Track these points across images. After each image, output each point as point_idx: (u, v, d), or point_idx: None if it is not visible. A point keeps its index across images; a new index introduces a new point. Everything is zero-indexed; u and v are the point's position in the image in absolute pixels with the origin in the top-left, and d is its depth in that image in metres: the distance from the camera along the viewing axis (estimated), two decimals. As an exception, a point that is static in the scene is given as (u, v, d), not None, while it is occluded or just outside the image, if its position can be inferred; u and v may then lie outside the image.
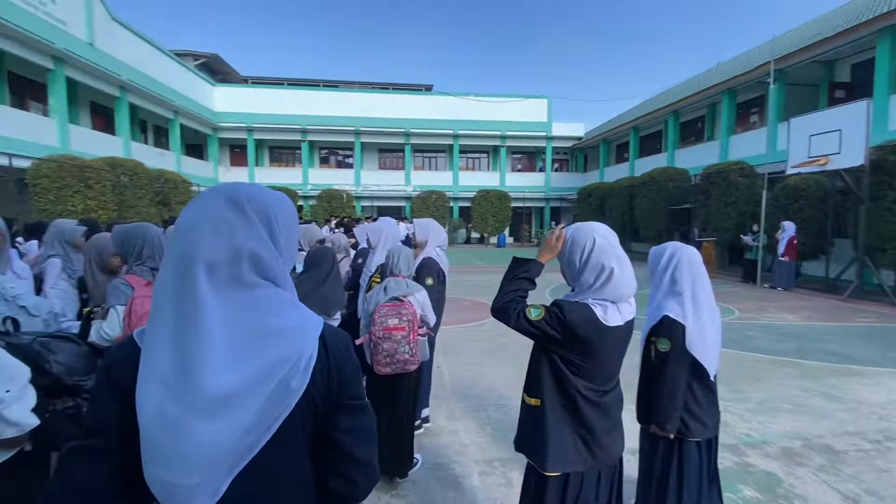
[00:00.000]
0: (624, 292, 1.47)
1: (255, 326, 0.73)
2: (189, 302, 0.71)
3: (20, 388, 1.65)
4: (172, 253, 0.75)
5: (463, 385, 4.20)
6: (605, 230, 1.52)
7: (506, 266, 1.72)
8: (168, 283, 0.73)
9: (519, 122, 26.26)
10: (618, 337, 1.48)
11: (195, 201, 0.79)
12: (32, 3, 12.39)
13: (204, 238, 0.73)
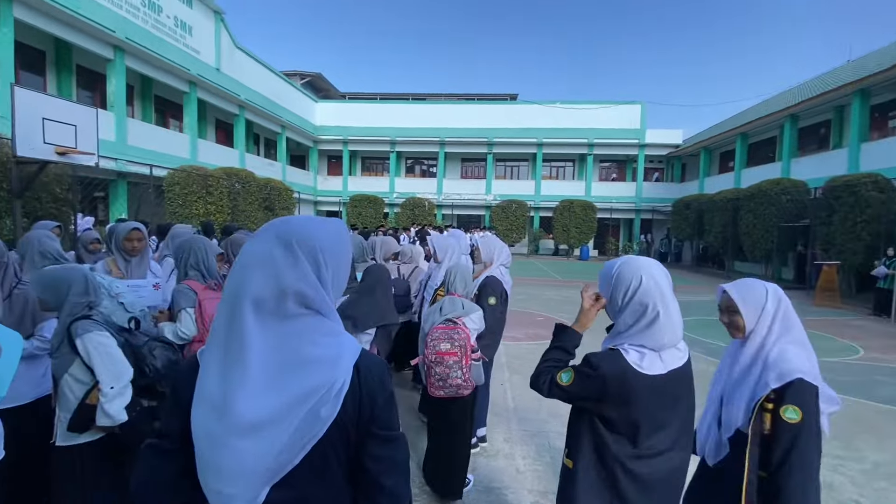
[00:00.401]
0: (664, 341, 1.34)
1: (292, 356, 0.80)
2: (236, 333, 0.79)
3: (122, 387, 1.97)
4: (228, 287, 0.84)
5: (525, 406, 4.12)
6: (656, 269, 1.39)
7: (585, 281, 1.72)
8: (222, 314, 0.83)
9: (608, 130, 25.07)
10: (659, 387, 1.31)
11: (252, 239, 0.88)
12: (175, 35, 14.65)
13: (253, 276, 0.81)
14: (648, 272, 1.36)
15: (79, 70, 13.42)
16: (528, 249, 24.89)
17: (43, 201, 8.47)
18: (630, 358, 1.32)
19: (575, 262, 22.65)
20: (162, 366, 2.04)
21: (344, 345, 0.86)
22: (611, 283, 1.41)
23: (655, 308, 1.32)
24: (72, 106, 7.30)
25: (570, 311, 8.86)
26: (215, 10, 16.57)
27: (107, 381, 1.92)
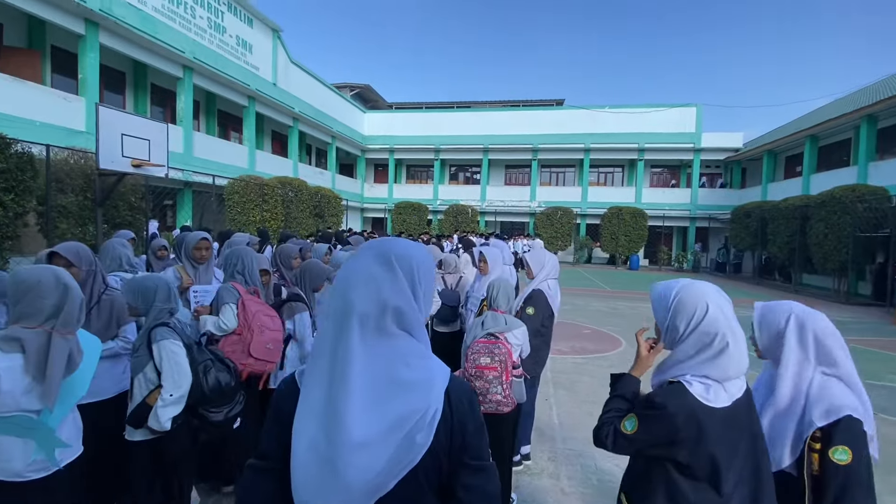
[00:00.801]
0: (730, 373, 1.23)
1: (390, 376, 0.82)
2: (342, 350, 0.82)
3: (178, 397, 2.10)
4: (333, 305, 0.87)
5: (572, 424, 4.00)
6: (719, 295, 1.28)
7: (635, 292, 1.63)
8: (328, 332, 0.85)
9: (660, 134, 24.04)
10: (728, 420, 1.20)
11: (352, 258, 0.92)
12: (236, 54, 15.64)
13: (358, 292, 0.85)
14: (714, 299, 1.26)
15: (153, 88, 14.62)
16: (574, 258, 24.26)
17: (120, 209, 9.26)
18: (695, 391, 1.21)
19: (624, 271, 21.81)
20: (210, 388, 2.15)
21: (434, 369, 0.87)
22: (668, 309, 1.30)
23: (724, 339, 1.22)
24: (146, 122, 7.96)
25: (619, 323, 8.53)
26: (273, 28, 17.54)
27: (168, 388, 2.07)
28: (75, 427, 1.87)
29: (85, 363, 1.82)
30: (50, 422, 1.73)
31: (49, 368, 1.66)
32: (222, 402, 2.19)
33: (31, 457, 1.71)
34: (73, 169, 8.43)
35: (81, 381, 1.82)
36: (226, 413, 2.20)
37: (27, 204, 7.55)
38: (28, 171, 7.46)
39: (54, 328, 1.70)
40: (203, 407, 2.14)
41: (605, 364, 5.92)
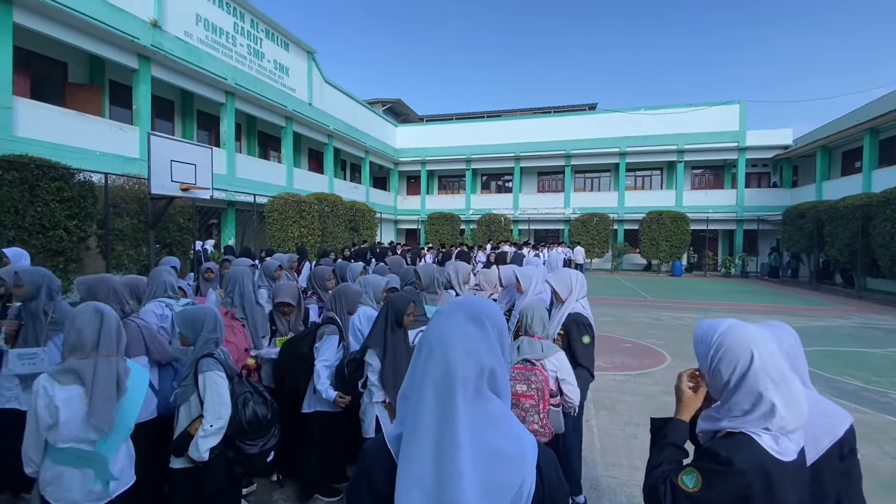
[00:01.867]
0: (787, 426, 1.10)
1: (490, 447, 0.81)
2: (449, 419, 0.79)
3: (218, 428, 2.16)
4: (430, 369, 0.83)
5: (614, 449, 3.82)
6: (767, 341, 1.14)
7: (679, 301, 1.52)
8: (429, 399, 0.81)
9: (701, 134, 23.07)
10: (799, 473, 1.10)
11: (441, 319, 0.89)
12: (274, 77, 16.35)
13: (458, 355, 0.83)
14: (761, 345, 1.13)
15: (198, 114, 15.50)
16: (612, 265, 23.56)
17: (170, 230, 9.81)
18: (764, 442, 1.09)
19: (666, 278, 20.94)
20: (248, 420, 2.20)
21: (524, 439, 0.86)
22: (709, 357, 1.20)
23: (770, 397, 1.10)
24: (193, 147, 8.41)
25: (663, 336, 8.16)
26: (308, 51, 18.24)
27: (208, 419, 2.13)
28: (128, 457, 1.96)
29: (133, 391, 1.92)
30: (105, 451, 1.82)
31: (96, 388, 1.77)
32: (258, 435, 2.23)
33: (88, 486, 1.80)
34: (128, 194, 9.02)
35: (132, 409, 1.91)
36: (261, 446, 2.24)
37: (88, 228, 8.14)
38: (89, 198, 8.05)
39: (98, 354, 1.82)
40: (239, 439, 2.19)
41: (648, 381, 5.66)
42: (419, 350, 0.88)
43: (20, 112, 9.04)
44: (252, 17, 15.26)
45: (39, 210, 7.21)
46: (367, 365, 2.73)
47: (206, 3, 13.40)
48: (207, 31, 13.39)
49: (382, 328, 2.77)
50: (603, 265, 24.16)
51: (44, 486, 1.79)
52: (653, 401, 4.97)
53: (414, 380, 0.86)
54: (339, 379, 2.85)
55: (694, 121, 23.25)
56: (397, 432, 0.86)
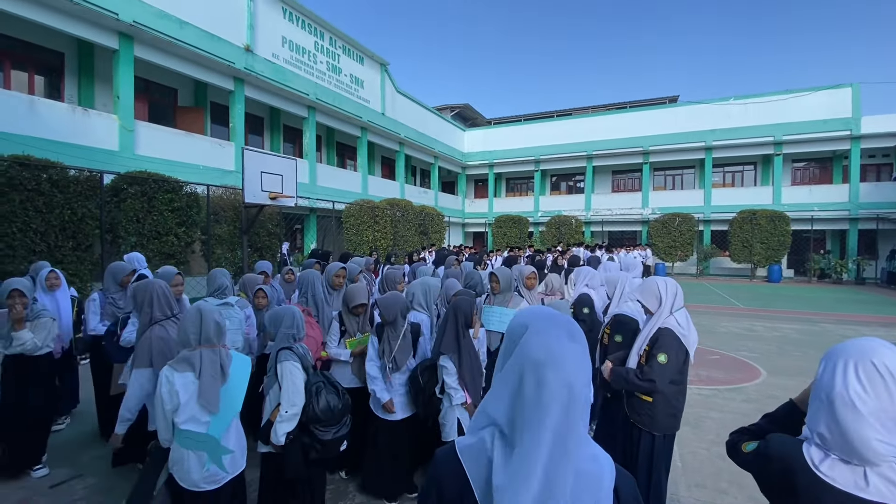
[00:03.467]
0: (856, 450, 1.01)
1: (576, 468, 0.79)
2: (562, 436, 0.78)
3: (292, 414, 2.35)
4: (549, 388, 0.79)
5: (697, 469, 3.54)
6: (881, 363, 1.03)
7: (777, 310, 1.53)
8: (550, 417, 0.78)
9: (804, 123, 20.49)
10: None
11: (544, 336, 0.84)
12: (350, 90, 17.30)
13: (576, 373, 0.81)
14: (867, 368, 1.05)
15: (284, 128, 16.86)
16: (697, 269, 21.73)
17: (261, 235, 10.77)
18: (807, 453, 1.10)
19: (761, 284, 18.89)
20: (321, 409, 2.36)
21: (601, 460, 0.83)
22: (819, 373, 1.18)
23: (853, 425, 1.03)
24: (280, 160, 9.16)
25: (757, 348, 7.40)
26: (381, 63, 19.08)
27: (284, 405, 2.34)
28: (239, 445, 2.21)
29: (235, 377, 2.16)
30: (215, 433, 2.07)
31: (203, 372, 2.06)
32: (331, 423, 2.38)
33: (205, 468, 2.06)
34: (225, 203, 10.06)
35: (236, 393, 2.16)
36: (333, 433, 2.39)
37: (194, 234, 9.18)
38: (194, 207, 9.08)
39: (200, 345, 2.13)
40: (313, 425, 2.36)
41: (738, 397, 5.16)
42: (519, 364, 0.82)
43: (140, 134, 10.45)
44: (331, 36, 16.30)
45: (155, 219, 8.28)
46: (443, 369, 2.77)
47: (291, 25, 14.56)
48: (292, 52, 14.53)
49: (454, 332, 2.81)
50: (687, 269, 22.39)
51: (171, 465, 2.09)
52: (745, 419, 4.50)
53: (524, 397, 0.80)
54: (415, 388, 2.91)
55: (795, 108, 20.75)
56: (470, 442, 0.85)
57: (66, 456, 3.63)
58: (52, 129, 8.82)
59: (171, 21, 10.60)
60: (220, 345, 2.18)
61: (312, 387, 2.40)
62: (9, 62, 9.76)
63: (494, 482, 0.78)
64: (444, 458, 0.87)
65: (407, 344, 2.98)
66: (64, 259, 6.97)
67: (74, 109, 9.37)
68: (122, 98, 10.06)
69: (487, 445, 0.82)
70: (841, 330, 8.90)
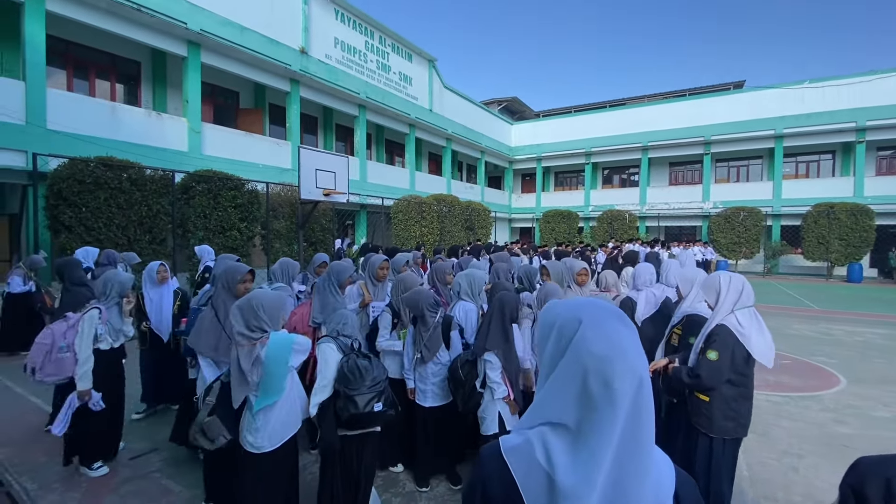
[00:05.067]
0: None
1: (635, 468, 0.75)
2: (634, 434, 0.74)
3: (322, 386, 2.48)
4: (618, 382, 0.74)
5: (767, 480, 3.29)
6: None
7: (857, 312, 1.37)
8: (622, 410, 0.74)
9: (891, 107, 18.39)
10: None
11: (602, 328, 0.79)
12: (399, 88, 17.55)
13: (641, 363, 0.77)
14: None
15: (336, 127, 17.41)
16: (765, 268, 20.16)
17: (315, 230, 11.21)
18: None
19: (838, 284, 17.23)
20: (348, 368, 2.48)
21: (661, 465, 0.80)
22: None
23: None
24: (333, 158, 9.47)
25: (834, 353, 6.78)
26: (429, 59, 19.19)
27: (319, 381, 2.45)
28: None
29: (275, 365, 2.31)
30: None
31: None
32: (357, 384, 2.42)
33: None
34: (283, 200, 10.55)
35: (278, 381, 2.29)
36: (367, 400, 2.42)
37: (254, 229, 9.71)
38: (255, 203, 9.59)
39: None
40: (342, 386, 2.44)
41: (814, 406, 4.75)
42: (580, 362, 0.77)
43: (206, 135, 11.18)
44: (381, 34, 16.60)
45: (220, 214, 8.83)
46: (487, 363, 2.78)
47: (342, 25, 14.97)
48: (344, 52, 14.95)
49: (500, 327, 2.80)
50: (752, 267, 20.84)
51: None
52: (820, 429, 4.16)
53: (591, 396, 0.75)
54: (455, 381, 2.94)
55: (880, 91, 18.64)
56: (516, 443, 0.82)
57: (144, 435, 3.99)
58: (131, 132, 9.64)
59: (234, 27, 11.22)
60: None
61: (345, 357, 2.52)
62: (94, 71, 10.75)
63: (561, 483, 0.74)
64: (489, 458, 0.84)
65: (437, 336, 3.08)
66: (142, 252, 7.61)
67: (150, 114, 10.18)
68: (191, 102, 10.79)
69: (536, 448, 0.79)
70: None
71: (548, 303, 1.03)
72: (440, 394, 3.13)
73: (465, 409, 2.94)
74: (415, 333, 3.16)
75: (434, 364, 3.10)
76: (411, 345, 3.18)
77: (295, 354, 2.32)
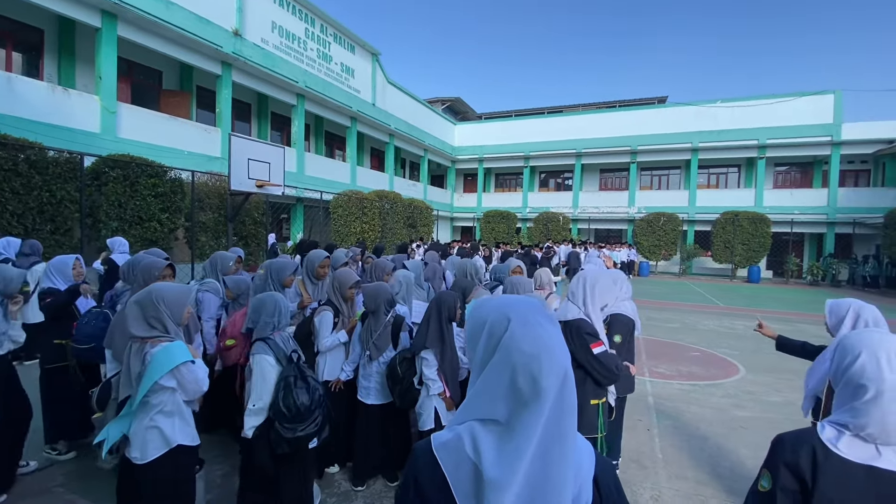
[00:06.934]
0: (871, 429, 1.10)
1: (563, 452, 0.76)
2: (556, 426, 0.76)
3: (259, 408, 2.33)
4: (546, 378, 0.76)
5: (678, 461, 3.62)
6: (888, 346, 1.12)
7: (755, 309, 1.52)
8: (547, 405, 0.76)
9: (788, 127, 20.98)
10: (861, 484, 1.07)
11: (531, 326, 0.81)
12: (341, 79, 17.07)
13: (566, 359, 0.80)
14: (871, 348, 1.15)
15: (272, 116, 16.57)
16: (680, 268, 22.12)
17: (246, 224, 10.59)
18: (823, 434, 1.16)
19: (741, 284, 19.34)
20: (285, 406, 2.27)
21: (582, 450, 0.82)
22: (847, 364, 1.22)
23: (867, 390, 1.12)
24: (267, 147, 9.01)
25: (736, 346, 7.59)
26: (372, 52, 18.85)
27: (252, 399, 2.30)
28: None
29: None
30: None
31: None
32: (296, 420, 2.28)
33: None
34: (210, 190, 9.85)
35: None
36: (299, 430, 2.29)
37: (177, 221, 8.98)
38: (179, 193, 8.88)
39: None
40: (279, 422, 2.27)
41: (717, 393, 5.29)
42: (510, 360, 0.78)
43: (123, 116, 10.16)
44: (322, 23, 16.03)
45: (138, 204, 8.07)
46: (423, 360, 2.80)
47: (281, 10, 14.27)
48: (282, 38, 14.25)
49: (438, 326, 2.84)
50: (670, 268, 22.80)
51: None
52: (722, 413, 4.65)
53: (520, 391, 0.77)
54: (393, 378, 2.93)
55: (780, 113, 21.20)
56: (446, 438, 0.83)
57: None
58: (31, 108, 8.52)
59: (158, 1, 10.29)
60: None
61: (282, 381, 2.32)
62: (-16, 37, 9.38)
63: (486, 475, 0.75)
64: (421, 454, 0.85)
65: (387, 335, 3.05)
66: (43, 243, 6.75)
67: (54, 89, 9.06)
68: (105, 79, 9.75)
69: (465, 442, 0.80)
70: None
71: (477, 301, 1.05)
72: (383, 391, 3.10)
73: (402, 404, 2.96)
74: (363, 330, 3.09)
75: (380, 363, 3.08)
76: (358, 341, 3.12)
77: (170, 376, 1.99)
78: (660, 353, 7.01)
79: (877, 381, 1.09)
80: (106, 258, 5.68)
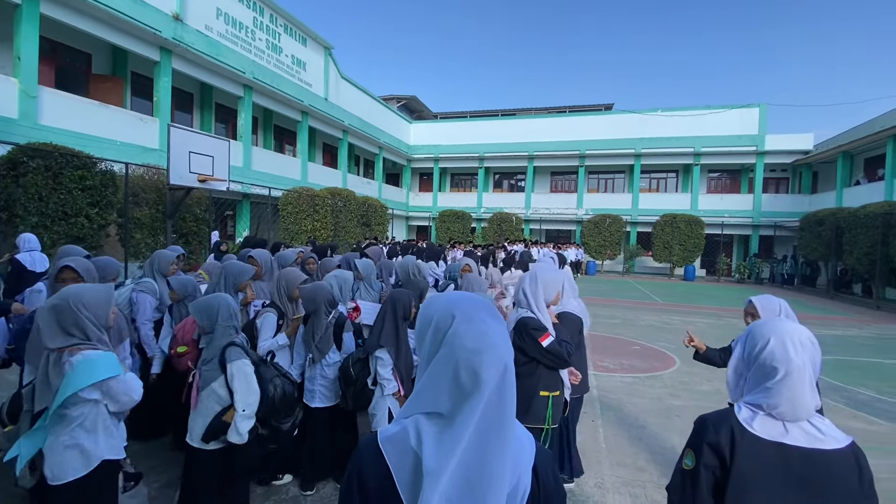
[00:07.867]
0: (782, 408, 1.20)
1: (501, 441, 0.78)
2: (497, 419, 0.78)
3: (251, 411, 2.24)
4: (486, 372, 0.78)
5: (619, 450, 3.83)
6: (792, 332, 1.26)
7: (690, 305, 1.61)
8: (487, 398, 0.78)
9: (719, 137, 22.73)
10: (772, 459, 1.17)
11: (475, 323, 0.83)
12: (291, 72, 16.51)
13: (508, 354, 0.81)
14: (779, 335, 1.27)
15: (217, 107, 15.73)
16: (624, 268, 23.36)
17: (187, 220, 9.99)
18: (740, 414, 1.26)
19: (678, 282, 20.71)
20: (278, 399, 2.30)
21: (523, 440, 0.84)
22: (758, 350, 1.32)
23: (780, 370, 1.23)
24: (211, 140, 8.56)
25: (672, 339, 8.10)
26: (325, 46, 18.37)
27: (241, 404, 2.22)
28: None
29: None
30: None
31: None
32: (289, 412, 2.38)
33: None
34: (147, 184, 9.21)
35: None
36: (291, 423, 2.41)
37: (109, 217, 8.33)
38: (110, 187, 8.24)
39: None
40: (274, 419, 2.31)
41: (657, 384, 5.64)
42: (454, 355, 0.80)
43: (45, 101, 9.28)
44: (271, 13, 15.43)
45: (62, 197, 7.40)
46: (378, 360, 2.77)
47: (227, -3, 13.58)
48: (227, 25, 13.57)
49: (393, 325, 2.82)
50: (615, 267, 23.99)
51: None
52: (660, 403, 4.96)
53: (462, 385, 0.79)
54: (346, 380, 2.89)
55: (712, 124, 22.91)
56: (392, 432, 0.83)
57: None
58: (-70, 87, 7.58)
59: (86, -23, 9.48)
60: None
61: (269, 382, 2.36)
62: None
63: (426, 466, 0.76)
64: (366, 448, 0.85)
65: (328, 336, 3.01)
66: (-56, 239, 6.04)
67: (-40, 67, 8.10)
68: (24, 59, 8.86)
69: (410, 434, 0.81)
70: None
71: (427, 298, 1.06)
72: (328, 395, 3.04)
73: (356, 406, 2.91)
74: (305, 332, 3.03)
75: (323, 365, 3.01)
76: (301, 343, 3.06)
77: (93, 388, 1.82)
78: (604, 347, 7.36)
79: (785, 363, 1.22)
80: (10, 257, 5.15)
